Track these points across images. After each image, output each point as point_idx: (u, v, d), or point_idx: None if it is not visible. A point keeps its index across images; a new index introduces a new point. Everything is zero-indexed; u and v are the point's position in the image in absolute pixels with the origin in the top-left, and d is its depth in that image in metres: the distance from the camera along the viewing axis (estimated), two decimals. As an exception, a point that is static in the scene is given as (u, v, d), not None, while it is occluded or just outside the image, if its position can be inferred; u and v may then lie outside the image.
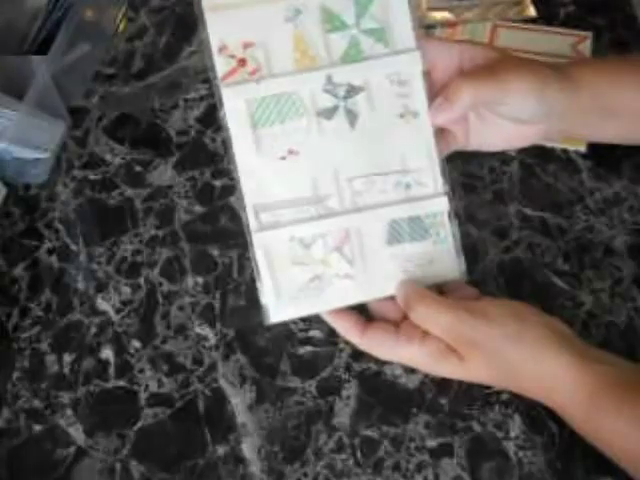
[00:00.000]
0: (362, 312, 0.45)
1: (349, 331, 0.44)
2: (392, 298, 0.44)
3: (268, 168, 0.44)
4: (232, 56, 0.43)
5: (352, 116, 0.44)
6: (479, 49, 0.46)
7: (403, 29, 0.44)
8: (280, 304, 0.44)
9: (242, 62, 0.43)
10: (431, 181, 0.45)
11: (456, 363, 0.41)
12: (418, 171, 0.44)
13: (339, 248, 0.44)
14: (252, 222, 0.44)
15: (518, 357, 0.40)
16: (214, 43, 0.43)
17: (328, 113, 0.44)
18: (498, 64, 0.44)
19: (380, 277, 0.44)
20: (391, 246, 0.44)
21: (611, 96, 0.46)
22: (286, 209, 0.44)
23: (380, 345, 0.43)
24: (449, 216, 0.45)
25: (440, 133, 0.46)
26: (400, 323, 0.44)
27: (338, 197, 0.44)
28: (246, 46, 0.43)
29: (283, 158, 0.44)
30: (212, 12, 0.43)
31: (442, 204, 0.45)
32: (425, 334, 0.42)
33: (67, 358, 0.52)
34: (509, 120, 0.46)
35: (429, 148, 0.44)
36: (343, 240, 0.44)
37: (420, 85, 0.44)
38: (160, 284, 0.54)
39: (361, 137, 0.44)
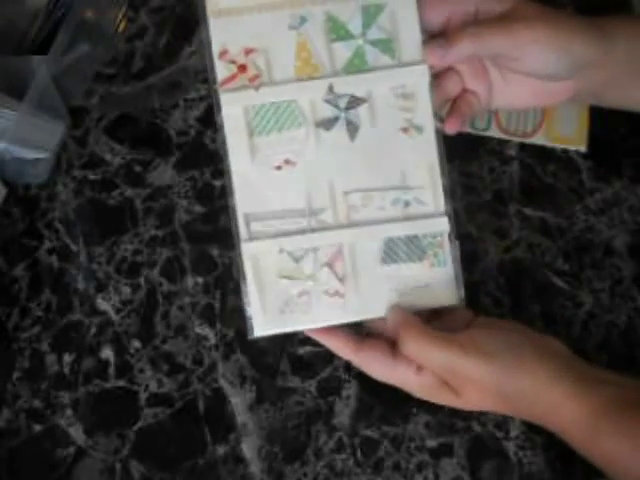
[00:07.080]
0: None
1: (341, 349, 0.42)
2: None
3: (263, 177, 0.43)
4: (233, 62, 0.42)
5: (353, 128, 0.43)
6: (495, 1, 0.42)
7: (411, 41, 0.43)
8: (266, 318, 0.43)
9: (242, 68, 0.42)
10: (432, 200, 0.43)
11: (451, 395, 0.41)
12: (418, 189, 0.43)
13: (330, 264, 0.43)
14: (242, 231, 0.43)
15: (516, 388, 0.39)
16: (215, 48, 0.42)
17: (328, 124, 0.43)
18: (513, 13, 0.41)
19: (372, 297, 0.43)
20: (386, 265, 0.43)
21: None
22: (277, 220, 0.43)
23: (375, 364, 0.42)
24: (450, 238, 0.43)
25: (463, 93, 0.44)
26: (397, 343, 0.42)
27: (332, 211, 0.43)
28: (248, 52, 0.42)
29: (279, 168, 0.43)
30: (215, 17, 0.42)
31: (442, 225, 0.43)
32: (421, 365, 0.41)
33: (67, 358, 0.52)
34: (529, 76, 0.43)
35: (432, 165, 0.43)
36: (335, 256, 0.43)
37: (427, 99, 0.43)
38: (160, 284, 0.54)
39: (361, 150, 0.43)
